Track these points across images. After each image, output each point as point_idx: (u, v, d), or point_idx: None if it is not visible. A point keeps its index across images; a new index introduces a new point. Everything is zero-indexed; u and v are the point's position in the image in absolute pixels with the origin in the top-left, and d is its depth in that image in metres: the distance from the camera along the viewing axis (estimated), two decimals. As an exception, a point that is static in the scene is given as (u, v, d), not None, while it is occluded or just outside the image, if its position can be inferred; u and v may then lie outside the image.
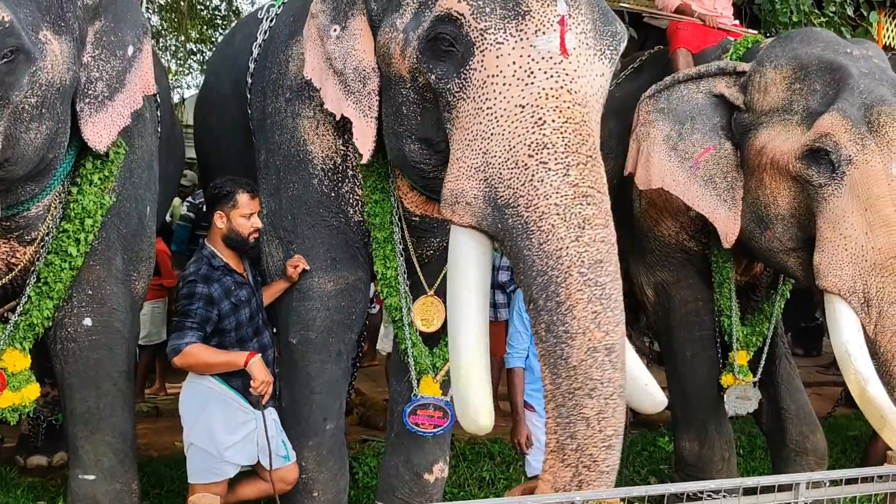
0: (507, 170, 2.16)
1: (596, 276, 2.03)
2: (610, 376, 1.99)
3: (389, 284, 3.07)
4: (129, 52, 2.70)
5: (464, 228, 2.29)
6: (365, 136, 2.70)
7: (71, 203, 2.71)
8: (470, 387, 2.22)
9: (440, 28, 2.30)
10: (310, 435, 3.13)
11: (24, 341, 2.70)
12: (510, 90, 2.19)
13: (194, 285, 2.86)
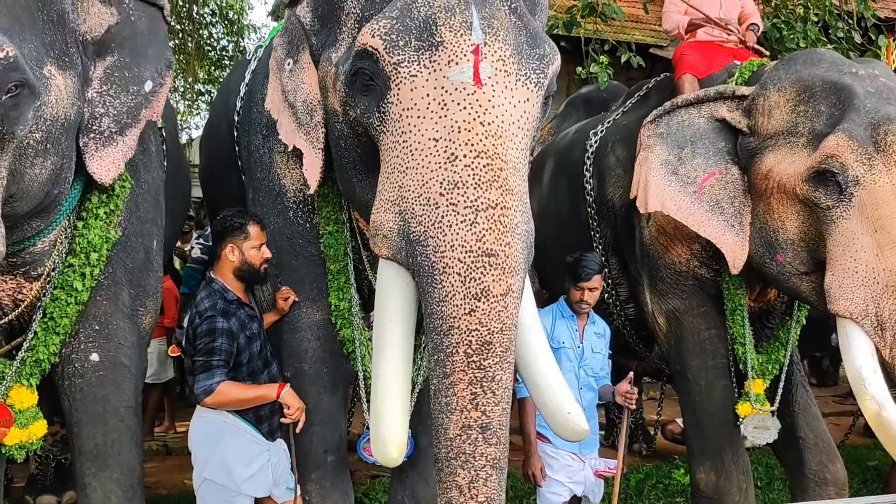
0: (420, 206, 2.17)
1: (481, 358, 2.08)
2: (483, 451, 2.08)
3: (343, 316, 3.08)
4: (145, 87, 2.70)
5: (386, 260, 2.31)
6: (312, 167, 2.73)
7: (76, 237, 2.72)
8: (382, 416, 2.24)
9: (360, 63, 2.32)
10: (312, 468, 3.11)
11: (30, 377, 2.68)
12: (424, 123, 2.19)
13: (214, 321, 2.85)
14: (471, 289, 2.08)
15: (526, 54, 2.26)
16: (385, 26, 2.23)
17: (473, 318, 2.07)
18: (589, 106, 5.45)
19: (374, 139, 2.35)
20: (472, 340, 2.07)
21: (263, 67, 3.19)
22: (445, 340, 2.09)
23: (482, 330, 2.07)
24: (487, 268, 2.08)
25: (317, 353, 3.11)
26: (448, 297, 2.09)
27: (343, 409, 3.27)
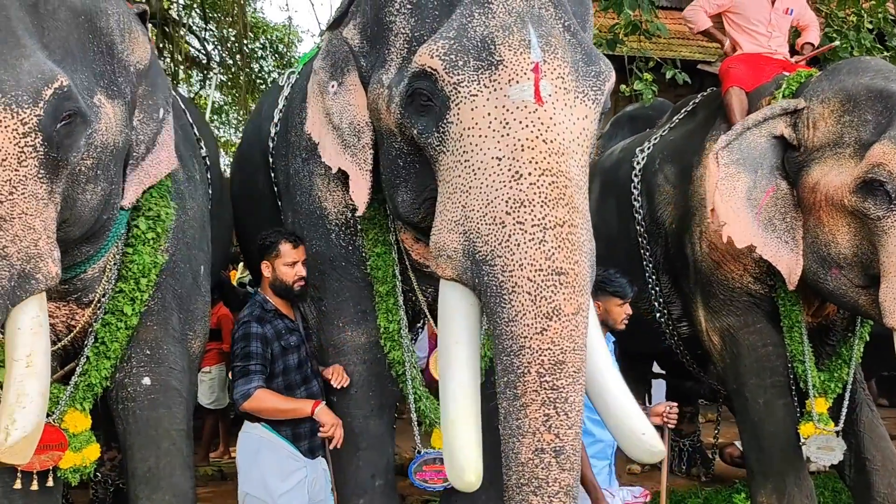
0: (485, 225, 2.15)
1: (554, 379, 2.04)
2: (556, 476, 2.04)
3: (392, 338, 3.07)
4: (160, 114, 2.79)
5: (449, 281, 2.29)
6: (360, 188, 2.73)
7: (125, 263, 2.78)
8: (455, 442, 2.20)
9: (417, 84, 2.32)
10: (360, 493, 3.09)
11: (84, 402, 2.74)
12: (486, 142, 2.18)
13: (248, 326, 2.96)
14: (542, 308, 2.05)
15: (583, 71, 2.25)
16: (443, 46, 2.23)
17: (545, 338, 2.04)
18: (634, 124, 5.40)
19: (432, 159, 2.35)
20: (544, 360, 2.04)
21: (300, 92, 3.24)
22: (516, 361, 2.06)
23: (554, 349, 2.04)
24: (558, 286, 2.06)
25: (362, 377, 3.11)
26: (518, 317, 2.06)
27: (390, 433, 3.26)
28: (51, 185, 2.20)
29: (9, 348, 2.18)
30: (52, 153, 2.16)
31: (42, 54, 2.19)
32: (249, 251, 4.28)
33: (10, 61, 2.10)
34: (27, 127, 2.08)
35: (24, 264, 2.13)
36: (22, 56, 2.13)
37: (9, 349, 2.18)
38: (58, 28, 2.30)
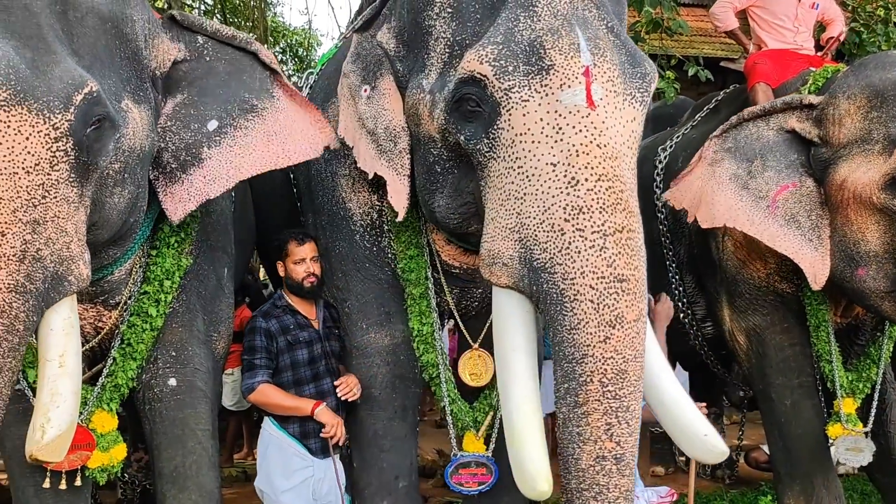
0: (543, 232, 2.14)
1: (616, 388, 2.06)
2: (616, 482, 2.07)
3: (426, 341, 3.07)
4: (208, 126, 2.69)
5: (503, 289, 2.28)
6: (399, 193, 2.72)
7: (150, 266, 2.82)
8: (524, 451, 2.20)
9: (465, 90, 2.31)
10: (383, 494, 3.10)
11: (111, 402, 2.78)
12: (539, 148, 2.18)
13: (255, 321, 3.04)
14: (604, 316, 2.05)
15: (629, 73, 2.25)
16: (492, 52, 2.22)
17: (609, 346, 2.05)
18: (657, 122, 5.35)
19: (480, 166, 2.34)
20: (607, 369, 2.05)
21: (320, 92, 3.26)
22: (578, 369, 2.07)
23: (617, 358, 2.05)
24: (620, 294, 2.07)
25: (386, 379, 3.11)
26: (581, 325, 2.07)
27: (413, 435, 3.26)
28: (81, 188, 2.24)
29: (42, 349, 2.22)
30: (82, 157, 2.19)
31: (72, 60, 2.23)
32: (267, 253, 4.32)
33: (42, 67, 2.13)
34: (59, 132, 2.12)
35: (56, 266, 2.16)
36: (53, 62, 2.16)
37: (42, 349, 2.22)
38: (86, 34, 2.33)
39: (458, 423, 3.07)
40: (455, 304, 3.14)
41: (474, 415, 3.08)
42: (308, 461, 2.98)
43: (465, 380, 3.10)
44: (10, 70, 2.05)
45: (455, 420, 3.07)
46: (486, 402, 3.10)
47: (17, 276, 2.04)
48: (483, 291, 3.15)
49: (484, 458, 3.02)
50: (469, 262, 3.00)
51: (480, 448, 3.04)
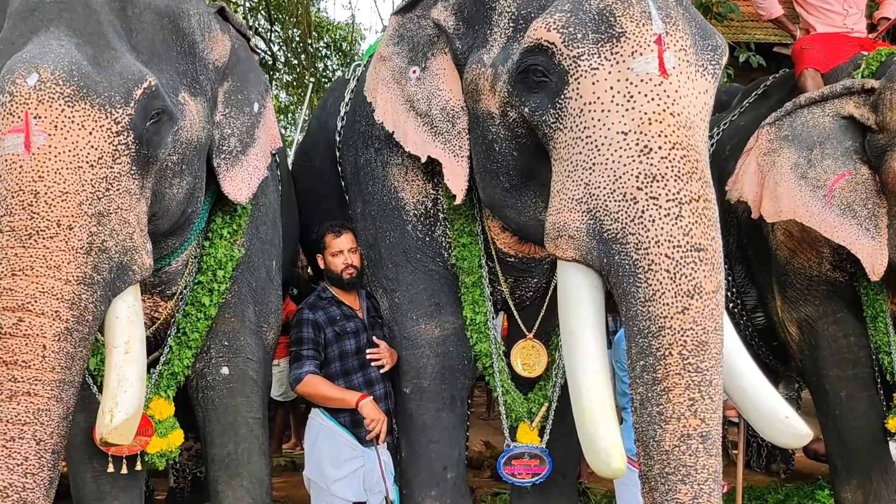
0: (614, 202, 2.08)
1: (698, 361, 1.96)
2: (704, 463, 1.95)
3: (479, 330, 3.04)
4: (255, 108, 2.86)
5: (570, 263, 2.22)
6: (456, 176, 2.69)
7: (204, 256, 2.88)
8: (596, 428, 2.12)
9: (530, 59, 2.26)
10: (431, 485, 3.11)
11: (167, 389, 2.85)
12: (610, 117, 2.12)
13: (301, 312, 3.06)
14: (682, 286, 1.97)
15: (700, 45, 2.19)
16: (560, 19, 2.18)
17: (687, 317, 1.96)
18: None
19: (546, 137, 2.28)
20: (686, 341, 1.95)
21: None
22: (655, 343, 1.98)
23: (697, 329, 1.96)
24: (698, 263, 1.98)
25: (436, 370, 3.11)
26: (656, 296, 1.98)
27: (462, 426, 3.26)
28: (142, 180, 2.30)
29: (108, 336, 2.29)
30: (142, 150, 2.25)
31: (131, 56, 2.30)
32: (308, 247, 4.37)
33: (103, 63, 2.20)
34: (120, 126, 2.18)
35: (121, 257, 2.22)
36: (113, 58, 2.23)
37: (108, 337, 2.29)
38: (144, 30, 2.40)
39: (512, 413, 3.05)
40: (509, 294, 3.11)
41: (528, 405, 3.06)
42: (358, 451, 3.00)
43: (518, 370, 3.08)
44: (72, 67, 2.12)
45: (508, 411, 3.05)
46: (541, 392, 3.09)
47: (85, 267, 2.11)
48: (537, 281, 3.12)
49: (538, 449, 3.00)
50: (525, 250, 2.97)
51: (534, 439, 3.02)
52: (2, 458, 1.94)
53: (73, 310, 2.07)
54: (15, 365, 1.98)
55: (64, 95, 2.09)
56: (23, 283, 2.01)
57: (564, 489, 3.30)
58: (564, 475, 3.23)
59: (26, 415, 1.97)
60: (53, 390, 2.01)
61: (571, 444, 3.22)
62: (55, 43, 2.17)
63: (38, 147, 2.07)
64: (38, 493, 1.97)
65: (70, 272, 2.07)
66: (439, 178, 2.94)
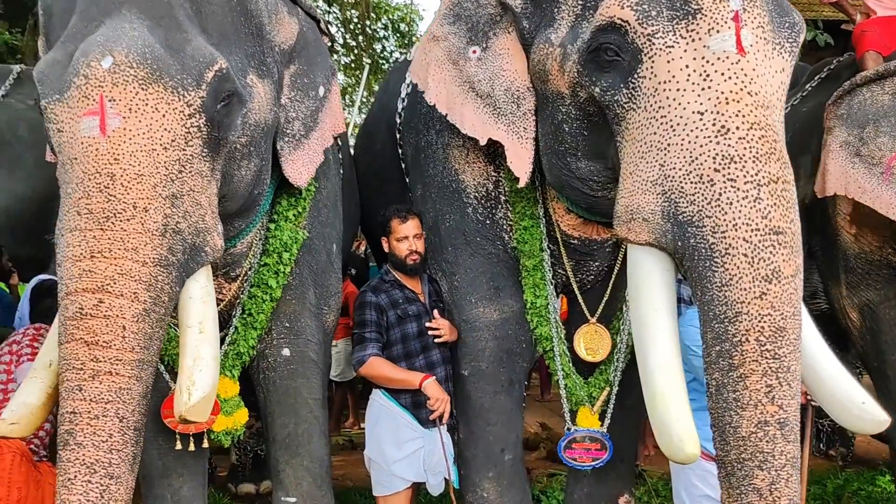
0: (690, 184, 2.04)
1: (775, 347, 1.93)
2: (782, 449, 1.93)
3: (539, 314, 3.03)
4: (320, 92, 2.88)
5: (642, 247, 2.18)
6: (520, 158, 2.66)
7: (269, 238, 2.92)
8: (669, 414, 2.09)
9: (602, 38, 2.23)
10: (489, 466, 3.12)
11: (233, 369, 2.91)
12: (685, 96, 2.09)
13: (364, 295, 3.09)
14: (760, 270, 1.94)
15: (778, 22, 2.15)
16: None
17: (765, 302, 1.93)
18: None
19: (618, 118, 2.25)
20: (764, 327, 1.92)
21: None
22: (732, 328, 1.95)
23: (775, 315, 1.93)
24: (777, 246, 1.95)
25: (494, 353, 3.12)
26: (733, 281, 1.95)
27: (519, 408, 3.26)
28: (213, 162, 2.32)
29: (182, 316, 2.32)
30: (213, 133, 2.28)
31: (202, 38, 2.31)
32: (371, 228, 4.41)
33: (175, 46, 2.22)
34: (192, 108, 2.20)
35: (194, 238, 2.25)
36: (184, 41, 2.25)
37: (182, 317, 2.32)
38: (214, 13, 2.42)
39: (573, 397, 3.04)
40: (572, 277, 3.09)
41: (589, 389, 3.05)
42: (419, 432, 3.03)
43: (581, 354, 3.07)
44: (146, 50, 2.14)
45: (569, 394, 3.04)
46: (602, 377, 3.07)
47: (161, 249, 2.13)
48: (599, 264, 3.10)
49: (599, 433, 3.00)
50: (589, 232, 2.95)
51: (595, 423, 3.01)
52: (88, 436, 1.98)
53: (150, 291, 2.10)
54: (96, 345, 2.02)
55: (138, 78, 2.11)
56: (102, 266, 2.05)
57: (622, 473, 3.29)
58: (622, 459, 3.22)
59: (109, 393, 2.01)
60: (133, 370, 2.05)
61: (630, 428, 3.29)
62: (128, 26, 2.19)
63: (113, 130, 2.09)
64: (123, 468, 2.02)
65: (147, 254, 2.09)
66: (501, 160, 2.91)
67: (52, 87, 2.17)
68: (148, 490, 2.98)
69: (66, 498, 1.96)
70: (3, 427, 2.30)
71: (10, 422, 2.29)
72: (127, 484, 2.04)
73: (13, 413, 2.29)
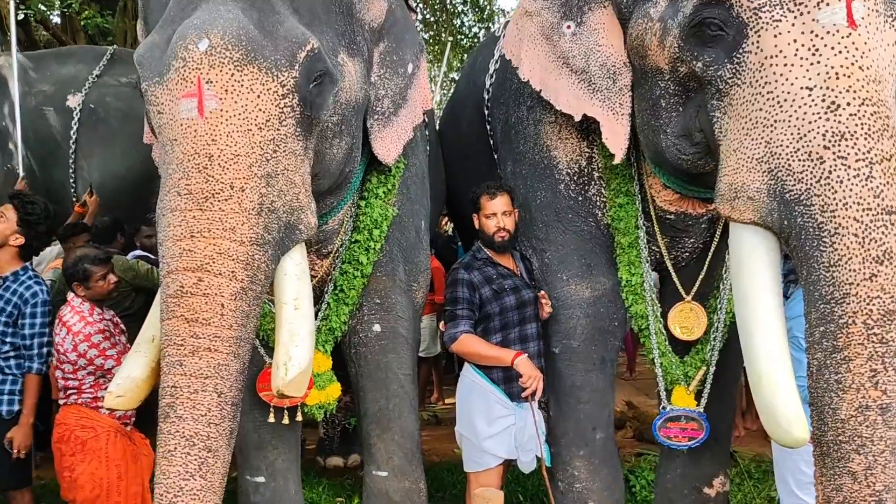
0: (798, 161, 1.97)
1: (883, 331, 1.86)
2: (882, 434, 1.88)
3: (635, 291, 2.98)
4: (408, 69, 2.87)
5: (746, 225, 2.12)
6: (616, 134, 2.61)
7: (360, 215, 2.95)
8: (776, 396, 2.03)
9: (706, 12, 2.17)
10: (580, 445, 3.10)
11: (325, 344, 2.96)
12: (793, 71, 2.01)
13: (457, 272, 3.06)
14: (871, 251, 1.87)
15: None
16: None
17: (875, 284, 1.86)
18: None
19: (721, 94, 2.20)
20: (872, 310, 1.86)
21: None
22: (838, 309, 1.89)
23: (884, 297, 1.86)
24: (889, 227, 1.88)
25: (586, 331, 3.08)
26: (842, 261, 1.89)
27: (611, 387, 3.22)
28: (305, 142, 2.34)
29: (278, 293, 2.36)
30: (306, 112, 2.29)
31: (294, 19, 2.32)
32: (456, 205, 4.39)
33: (268, 28, 2.24)
34: (286, 89, 2.21)
35: (288, 216, 2.28)
36: (277, 22, 2.27)
37: (278, 294, 2.36)
38: None
39: (668, 376, 3.00)
40: (667, 255, 3.03)
41: (685, 369, 3.00)
42: (510, 409, 3.01)
43: (676, 333, 3.01)
44: (240, 31, 2.16)
45: (664, 373, 3.00)
46: (699, 356, 3.01)
47: (257, 228, 2.16)
48: (694, 241, 3.03)
49: (695, 412, 2.94)
50: (686, 207, 2.88)
51: (691, 403, 2.95)
52: (188, 409, 2.04)
53: (247, 270, 2.13)
54: (196, 322, 2.07)
55: (233, 60, 2.14)
56: (201, 245, 2.09)
57: (716, 452, 3.22)
58: (716, 439, 3.14)
59: (208, 369, 2.06)
60: (231, 346, 2.09)
61: (725, 407, 3.22)
62: (223, 8, 2.21)
63: (211, 111, 2.13)
64: (221, 441, 2.07)
65: (244, 233, 2.13)
66: (593, 136, 2.87)
67: (151, 71, 2.22)
68: (244, 461, 3.08)
69: (167, 469, 2.02)
70: (110, 400, 2.39)
71: (117, 395, 2.38)
72: (224, 457, 2.09)
73: (119, 386, 2.39)
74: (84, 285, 3.04)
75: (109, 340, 3.01)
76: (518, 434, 3.01)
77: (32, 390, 3.13)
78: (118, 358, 2.96)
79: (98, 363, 2.95)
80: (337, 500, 4.03)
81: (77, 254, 3.10)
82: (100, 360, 2.95)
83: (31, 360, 3.15)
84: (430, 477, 4.17)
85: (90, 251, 3.13)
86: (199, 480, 2.01)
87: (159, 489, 2.02)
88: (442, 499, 4.04)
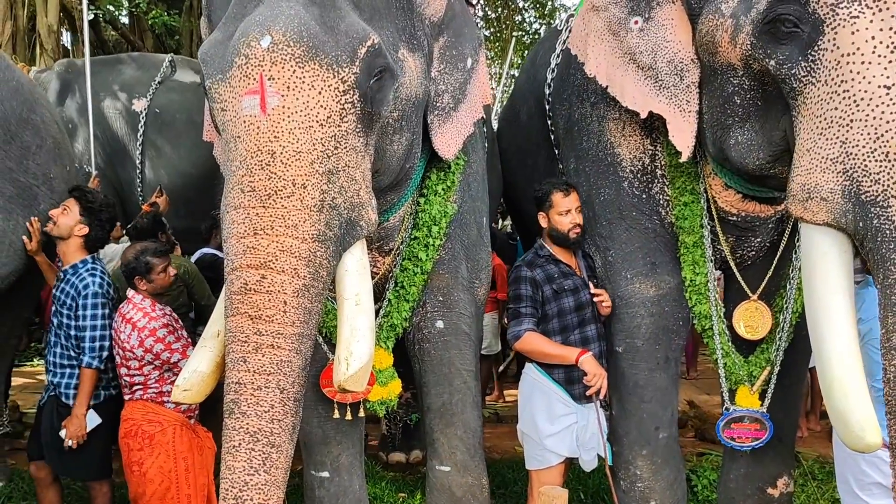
0: (875, 162, 1.92)
1: None
2: None
3: (699, 291, 2.92)
4: (468, 64, 2.85)
5: (819, 227, 2.07)
6: (683, 132, 2.56)
7: (419, 213, 2.94)
8: (848, 400, 1.98)
9: (781, 9, 2.11)
10: (643, 444, 3.06)
11: (387, 341, 2.97)
12: (871, 69, 1.95)
13: (520, 270, 3.03)
14: None
15: None
16: None
17: None
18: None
19: (795, 92, 2.16)
20: None
21: None
22: None
23: None
24: None
25: (650, 330, 3.03)
26: None
27: (674, 386, 3.17)
28: (366, 138, 2.33)
29: (339, 289, 2.35)
30: (367, 108, 2.27)
31: (354, 14, 2.32)
32: (514, 202, 4.35)
33: (329, 23, 2.23)
34: (346, 85, 2.20)
35: (349, 213, 2.27)
36: (338, 17, 2.26)
37: (339, 290, 2.35)
38: None
39: (732, 376, 2.95)
40: (730, 254, 2.97)
41: (749, 368, 2.94)
42: (571, 408, 2.98)
43: (741, 332, 2.95)
44: (302, 28, 2.16)
45: (728, 373, 2.94)
46: (763, 356, 2.95)
47: (319, 225, 2.16)
48: (761, 240, 2.95)
49: (759, 413, 2.90)
50: (748, 208, 2.82)
51: (755, 403, 2.91)
52: (251, 406, 2.06)
53: (309, 267, 2.14)
54: (259, 319, 2.08)
55: (295, 57, 2.13)
56: (264, 242, 2.10)
57: (780, 453, 3.16)
58: (780, 439, 3.09)
59: (271, 365, 2.07)
60: (294, 343, 2.10)
61: (789, 408, 3.17)
62: (285, 5, 2.21)
63: (273, 108, 2.13)
64: (284, 437, 2.08)
65: (306, 230, 2.13)
66: (658, 133, 2.82)
67: (215, 68, 2.24)
68: (308, 457, 3.11)
69: (232, 464, 2.05)
70: (177, 393, 2.44)
71: (183, 388, 2.43)
72: (287, 452, 2.11)
73: (185, 380, 2.43)
74: (146, 278, 3.09)
75: (174, 334, 3.07)
76: (580, 433, 2.98)
77: (86, 383, 3.14)
78: (183, 351, 3.02)
79: (164, 357, 3.01)
80: (399, 495, 4.04)
81: (138, 247, 3.15)
82: (166, 353, 3.01)
83: (83, 352, 3.15)
84: (492, 473, 4.15)
85: (150, 244, 3.19)
86: (264, 475, 2.03)
87: (225, 484, 2.04)
88: (504, 495, 4.02)
